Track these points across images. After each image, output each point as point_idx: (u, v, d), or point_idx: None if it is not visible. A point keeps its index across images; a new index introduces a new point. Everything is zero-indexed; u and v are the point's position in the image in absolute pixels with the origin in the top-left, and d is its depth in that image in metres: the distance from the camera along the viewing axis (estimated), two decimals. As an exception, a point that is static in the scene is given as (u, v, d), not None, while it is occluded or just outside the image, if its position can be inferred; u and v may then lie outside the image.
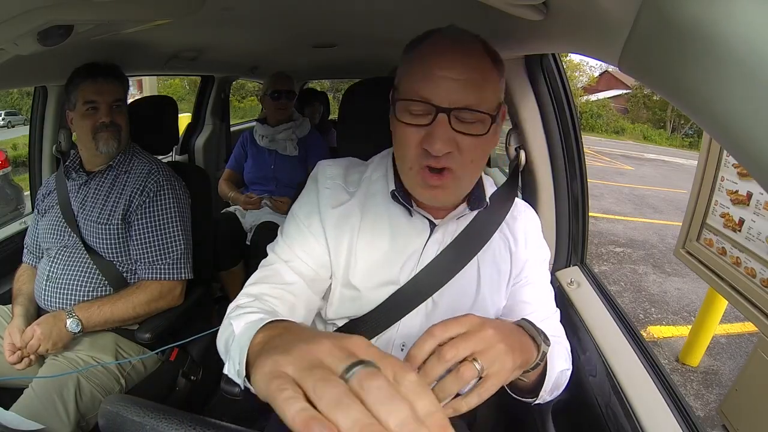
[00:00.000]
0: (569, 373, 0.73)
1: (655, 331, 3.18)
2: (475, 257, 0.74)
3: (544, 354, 0.59)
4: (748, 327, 3.09)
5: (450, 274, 0.72)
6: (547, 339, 0.60)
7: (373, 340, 0.74)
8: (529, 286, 0.79)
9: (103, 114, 1.19)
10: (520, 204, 0.83)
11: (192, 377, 1.31)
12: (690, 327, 2.87)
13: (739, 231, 1.31)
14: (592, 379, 0.86)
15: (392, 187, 0.73)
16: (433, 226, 0.74)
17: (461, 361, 0.50)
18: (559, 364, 0.68)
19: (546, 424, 0.90)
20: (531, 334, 0.59)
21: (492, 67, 0.64)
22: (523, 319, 0.62)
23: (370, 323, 0.73)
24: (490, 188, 0.79)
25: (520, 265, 0.78)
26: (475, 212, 0.75)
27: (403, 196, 0.71)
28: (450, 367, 0.49)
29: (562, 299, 1.05)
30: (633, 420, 0.72)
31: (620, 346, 0.86)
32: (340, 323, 0.76)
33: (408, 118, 0.63)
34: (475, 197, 0.74)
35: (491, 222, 0.76)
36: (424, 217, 0.73)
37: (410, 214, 0.74)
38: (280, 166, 2.10)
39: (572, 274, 1.10)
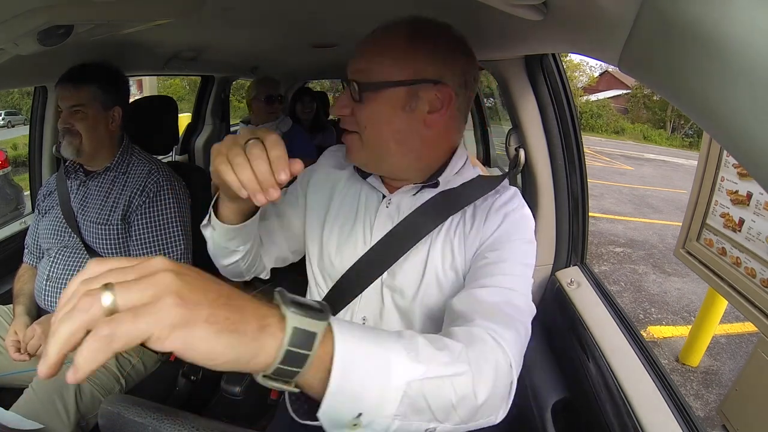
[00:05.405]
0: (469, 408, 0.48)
1: (655, 331, 3.18)
2: (428, 237, 0.73)
3: (296, 351, 0.38)
4: (748, 327, 3.09)
5: (400, 251, 0.73)
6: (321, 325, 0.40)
7: (340, 313, 0.79)
8: (486, 269, 0.67)
9: (62, 119, 1.19)
10: (507, 197, 0.75)
11: (192, 377, 1.31)
12: (690, 327, 2.87)
13: (739, 231, 1.31)
14: (592, 379, 0.86)
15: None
16: (383, 197, 0.78)
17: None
18: (401, 377, 0.43)
19: (546, 424, 0.90)
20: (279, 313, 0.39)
21: (402, 42, 0.67)
22: (285, 294, 0.41)
23: (335, 294, 0.78)
24: (467, 173, 0.77)
25: (473, 247, 0.71)
26: (433, 191, 0.75)
27: (359, 169, 0.80)
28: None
29: (562, 299, 1.05)
30: (633, 420, 0.72)
31: (620, 346, 0.86)
32: (322, 290, 0.82)
33: None
34: (431, 177, 0.76)
35: (450, 204, 0.73)
36: (377, 189, 0.79)
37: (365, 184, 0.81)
38: None
39: (572, 274, 1.10)
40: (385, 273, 0.74)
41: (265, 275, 0.89)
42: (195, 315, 0.34)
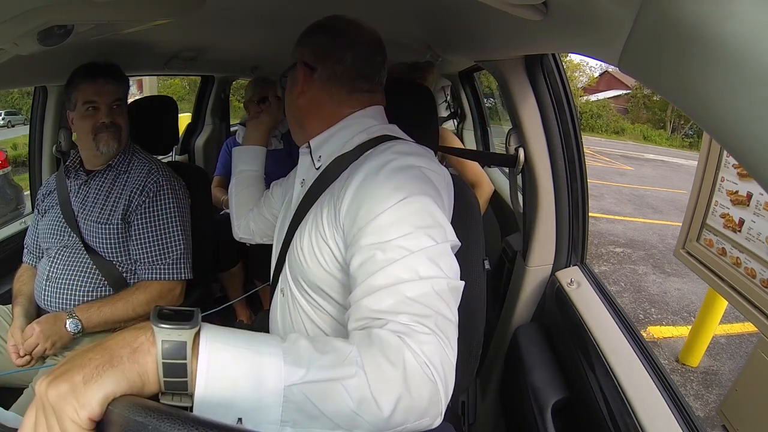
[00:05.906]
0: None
1: (655, 331, 3.18)
2: (311, 211, 0.75)
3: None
4: (748, 327, 3.09)
5: (294, 228, 0.78)
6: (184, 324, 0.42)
7: (277, 288, 0.86)
8: (365, 267, 0.59)
9: (103, 114, 1.19)
10: (370, 157, 0.69)
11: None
12: (690, 327, 2.87)
13: (739, 231, 1.31)
14: (592, 379, 0.86)
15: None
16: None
17: None
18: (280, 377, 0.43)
19: (546, 424, 0.90)
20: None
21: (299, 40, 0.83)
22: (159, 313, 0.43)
23: (275, 270, 0.88)
24: (360, 137, 0.75)
25: (342, 219, 0.66)
26: (328, 161, 0.77)
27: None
28: None
29: (562, 299, 1.05)
30: (633, 420, 0.72)
31: (620, 346, 0.86)
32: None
33: None
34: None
35: (333, 176, 0.73)
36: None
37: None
38: (268, 160, 2.16)
39: (572, 274, 1.10)
40: (290, 249, 0.79)
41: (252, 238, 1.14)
42: (73, 382, 0.38)
